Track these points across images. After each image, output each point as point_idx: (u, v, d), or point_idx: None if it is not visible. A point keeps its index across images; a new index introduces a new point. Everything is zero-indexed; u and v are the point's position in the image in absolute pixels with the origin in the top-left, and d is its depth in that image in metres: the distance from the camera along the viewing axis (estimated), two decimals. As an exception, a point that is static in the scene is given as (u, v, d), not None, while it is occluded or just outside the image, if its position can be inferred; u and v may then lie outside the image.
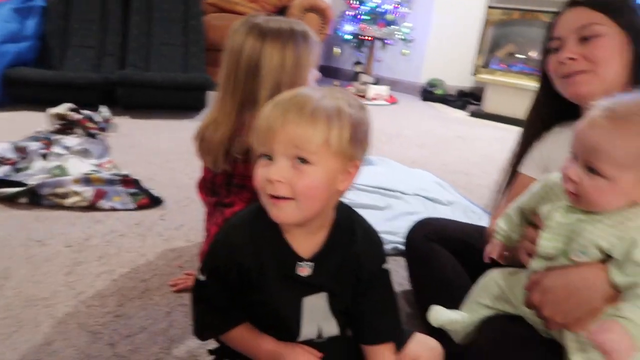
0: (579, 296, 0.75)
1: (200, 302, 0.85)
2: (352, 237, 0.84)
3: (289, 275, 0.81)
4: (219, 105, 1.20)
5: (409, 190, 2.11)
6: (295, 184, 0.71)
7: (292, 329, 0.84)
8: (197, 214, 1.76)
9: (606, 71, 0.97)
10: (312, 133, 0.70)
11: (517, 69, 3.76)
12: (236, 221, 0.83)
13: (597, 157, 0.71)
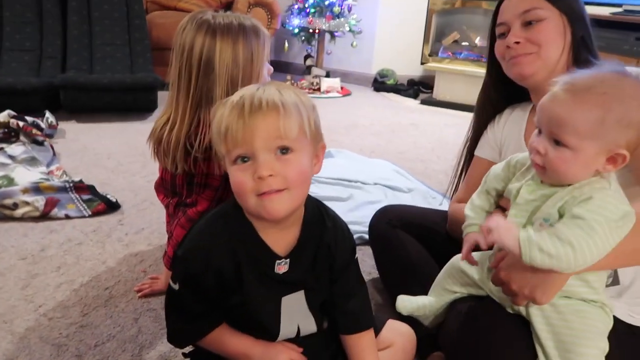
0: (544, 269, 0.78)
1: (175, 311, 0.83)
2: (323, 229, 0.85)
3: (267, 275, 0.81)
4: (173, 105, 1.18)
5: (369, 180, 2.13)
6: (287, 173, 0.73)
7: (271, 329, 0.84)
8: (157, 216, 1.72)
9: (549, 52, 1.02)
10: (290, 122, 0.72)
11: (463, 56, 3.87)
12: (206, 225, 0.82)
13: (561, 129, 0.75)
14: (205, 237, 0.80)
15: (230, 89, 1.13)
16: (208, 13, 1.15)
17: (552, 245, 0.74)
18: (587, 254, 0.73)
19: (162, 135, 1.18)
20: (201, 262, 0.78)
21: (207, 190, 1.19)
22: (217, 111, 0.76)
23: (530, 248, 0.74)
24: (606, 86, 0.74)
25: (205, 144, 1.14)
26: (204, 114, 1.15)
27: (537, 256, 0.74)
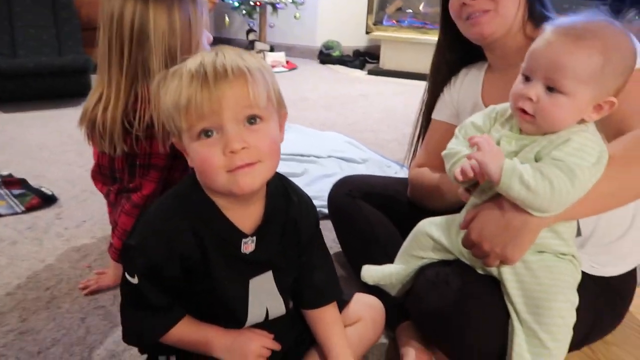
0: (515, 223, 0.76)
1: (135, 307, 0.75)
2: (288, 203, 0.80)
3: (234, 256, 0.75)
4: (105, 81, 1.07)
5: (322, 153, 2.08)
6: (259, 144, 0.67)
7: (239, 314, 0.79)
8: (99, 206, 1.60)
9: (506, 8, 0.99)
10: (259, 89, 0.66)
11: (407, 23, 3.85)
12: (163, 208, 0.74)
13: (560, 73, 0.73)
14: (163, 221, 0.72)
15: (168, 59, 1.04)
16: None
17: (533, 178, 0.71)
18: (564, 195, 0.72)
19: (96, 115, 1.07)
20: (163, 250, 0.70)
21: (152, 171, 1.10)
22: (169, 83, 0.68)
23: (512, 176, 0.72)
24: (604, 33, 0.73)
25: (146, 121, 1.04)
26: (141, 88, 1.05)
27: (515, 186, 0.72)
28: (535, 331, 0.77)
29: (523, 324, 0.78)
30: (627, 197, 0.82)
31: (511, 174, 0.72)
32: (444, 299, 0.85)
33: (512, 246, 0.77)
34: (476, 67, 1.15)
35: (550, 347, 0.76)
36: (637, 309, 1.12)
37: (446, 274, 0.88)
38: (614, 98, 0.75)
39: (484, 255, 0.79)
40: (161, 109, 0.71)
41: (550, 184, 0.71)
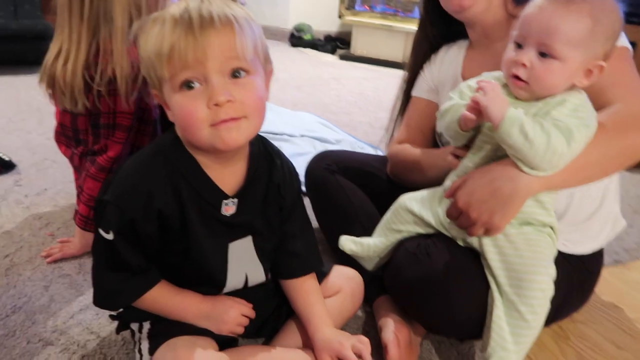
0: (504, 190, 0.77)
1: (108, 267, 0.71)
2: (272, 167, 0.77)
3: (213, 217, 0.72)
4: (65, 32, 1.01)
5: (295, 132, 2.06)
6: (244, 99, 0.63)
7: (217, 278, 0.76)
8: (63, 174, 1.52)
9: None
10: (246, 40, 0.63)
11: (380, 9, 3.84)
12: (141, 163, 0.70)
13: (553, 37, 0.73)
14: (142, 175, 0.68)
15: (133, 10, 0.99)
16: None
17: (532, 129, 0.72)
18: (558, 153, 0.73)
19: (55, 70, 1.01)
20: (140, 205, 0.67)
21: (117, 131, 1.05)
22: (150, 29, 0.63)
23: (512, 123, 0.72)
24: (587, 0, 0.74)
25: (108, 75, 0.99)
26: (103, 40, 1.00)
27: (514, 133, 0.72)
28: (515, 303, 0.78)
29: (503, 296, 0.79)
30: (610, 168, 0.84)
31: (513, 120, 0.72)
32: (426, 270, 0.85)
33: (500, 214, 0.77)
34: (457, 45, 1.15)
35: (529, 319, 0.78)
36: (600, 289, 1.16)
37: (427, 245, 0.88)
38: (603, 62, 0.76)
39: (470, 223, 0.80)
40: (141, 57, 0.67)
41: (547, 138, 0.72)
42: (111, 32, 0.99)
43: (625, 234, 1.52)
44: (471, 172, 0.81)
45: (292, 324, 0.87)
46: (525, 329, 0.78)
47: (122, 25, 0.98)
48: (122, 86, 0.99)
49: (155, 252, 0.72)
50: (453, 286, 0.83)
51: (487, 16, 1.02)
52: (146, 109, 1.08)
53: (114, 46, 0.99)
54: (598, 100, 0.82)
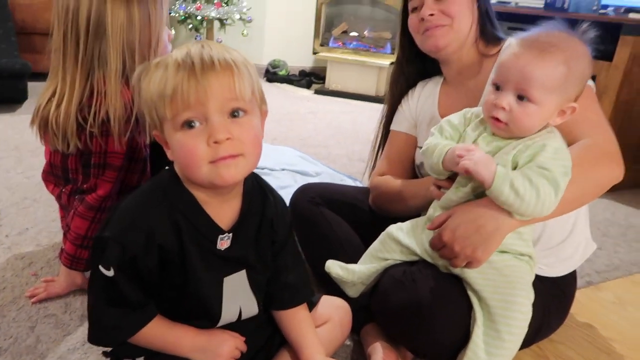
0: (487, 228, 0.81)
1: (108, 303, 0.72)
2: (265, 202, 0.81)
3: (210, 251, 0.74)
4: (60, 75, 1.04)
5: (276, 166, 2.09)
6: (242, 137, 0.67)
7: (212, 312, 0.78)
8: (44, 214, 1.52)
9: (460, 24, 1.06)
10: (245, 83, 0.67)
11: (353, 46, 3.97)
12: (142, 198, 0.73)
13: (529, 84, 0.79)
14: (143, 212, 0.71)
15: (126, 53, 1.02)
16: None
17: (522, 185, 0.77)
18: (547, 204, 0.78)
19: (49, 112, 1.03)
20: (142, 240, 0.69)
21: (108, 171, 1.07)
22: (153, 73, 0.68)
23: (503, 181, 0.77)
24: (566, 45, 0.80)
25: (101, 117, 1.02)
26: (97, 82, 1.03)
27: (505, 191, 0.77)
28: (496, 322, 0.81)
29: (485, 314, 0.83)
30: (585, 199, 0.90)
31: (503, 179, 0.77)
32: (411, 296, 0.88)
33: (482, 249, 0.82)
34: (432, 82, 1.22)
35: (506, 339, 0.81)
36: (575, 310, 1.21)
37: (412, 272, 0.92)
38: (575, 103, 0.83)
39: (453, 256, 0.84)
40: (143, 99, 0.70)
41: (537, 192, 0.77)
42: (105, 74, 1.02)
43: (596, 257, 1.59)
44: (455, 208, 0.86)
45: (284, 353, 0.89)
46: (500, 348, 0.81)
47: (116, 68, 1.01)
48: (115, 127, 1.02)
49: (153, 287, 0.73)
50: (438, 311, 0.86)
51: (461, 56, 1.10)
52: (136, 148, 1.10)
53: (108, 88, 1.02)
54: (567, 136, 0.88)
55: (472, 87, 1.11)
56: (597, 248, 1.13)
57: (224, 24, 3.99)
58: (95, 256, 0.72)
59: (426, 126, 1.18)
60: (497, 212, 0.82)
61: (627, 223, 1.94)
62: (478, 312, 0.84)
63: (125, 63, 1.03)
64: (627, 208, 2.08)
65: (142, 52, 1.05)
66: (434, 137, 0.91)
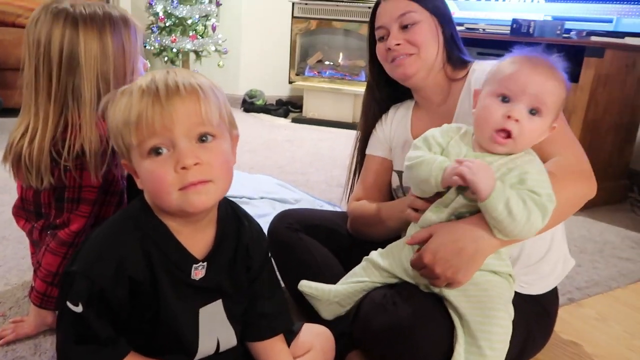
0: (468, 250, 0.81)
1: (78, 341, 0.69)
2: (240, 228, 0.79)
3: (183, 282, 0.72)
4: (32, 110, 1.02)
5: (254, 194, 2.08)
6: (211, 162, 0.66)
7: (189, 345, 0.75)
8: (13, 251, 1.46)
9: (427, 52, 1.09)
10: (211, 107, 0.66)
11: (328, 74, 4.03)
12: (112, 229, 0.71)
13: (545, 98, 0.81)
14: (112, 242, 0.68)
15: (101, 85, 1.01)
16: (65, 2, 1.02)
17: (516, 205, 0.77)
18: (533, 229, 0.79)
19: (21, 148, 1.01)
20: (111, 272, 0.67)
21: (82, 205, 1.04)
22: (118, 100, 0.67)
23: (499, 197, 0.77)
24: (559, 68, 0.84)
25: (76, 150, 1.00)
26: (71, 116, 1.01)
27: (499, 207, 0.77)
28: (476, 338, 0.80)
29: (466, 331, 0.82)
30: (560, 219, 0.92)
31: (500, 196, 0.77)
32: (392, 318, 0.87)
33: (463, 271, 0.82)
34: (404, 106, 1.24)
35: (487, 355, 0.80)
36: (559, 328, 1.21)
37: (392, 294, 0.91)
38: (555, 124, 0.86)
39: (434, 277, 0.83)
40: (110, 127, 0.69)
41: (528, 215, 0.78)
42: (79, 107, 1.00)
43: (575, 273, 1.60)
44: (436, 227, 0.86)
45: None
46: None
47: (91, 100, 1.00)
48: (91, 160, 1.00)
49: (124, 321, 0.70)
50: (419, 331, 0.85)
51: (429, 81, 1.12)
52: (112, 181, 1.08)
53: (83, 121, 1.00)
54: (539, 153, 0.89)
55: (443, 110, 1.13)
56: (576, 265, 1.13)
57: (199, 56, 4.02)
58: (63, 292, 0.69)
59: (400, 150, 1.19)
60: (478, 233, 0.82)
61: (602, 239, 1.96)
62: (459, 329, 0.83)
63: (100, 95, 1.01)
64: (601, 224, 2.11)
65: (118, 83, 1.03)
66: (420, 151, 0.90)
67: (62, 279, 0.69)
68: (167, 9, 3.82)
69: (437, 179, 0.84)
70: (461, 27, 2.85)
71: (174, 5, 3.81)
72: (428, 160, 0.86)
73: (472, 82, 1.08)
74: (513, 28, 2.40)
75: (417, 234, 0.87)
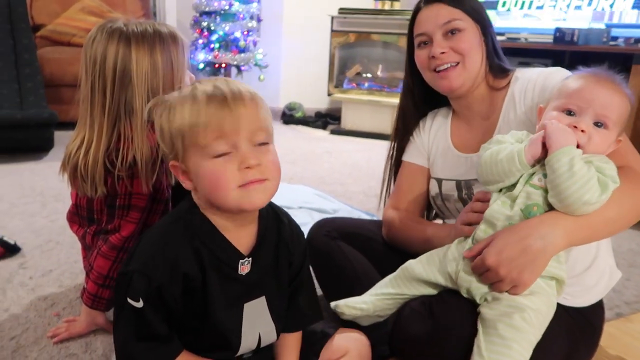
0: (533, 248, 0.80)
1: (138, 338, 0.73)
2: (280, 225, 0.83)
3: (231, 277, 0.76)
4: (87, 123, 1.08)
5: (293, 204, 2.11)
6: (268, 164, 0.71)
7: (232, 340, 0.79)
8: (67, 255, 1.55)
9: (472, 62, 1.07)
10: (267, 114, 0.73)
11: (366, 87, 4.06)
12: (163, 230, 0.75)
13: (611, 112, 0.84)
14: (166, 242, 0.73)
15: (151, 99, 1.07)
16: (119, 21, 1.09)
17: (579, 164, 0.79)
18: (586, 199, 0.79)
19: (78, 159, 1.07)
20: (167, 270, 0.71)
21: (132, 212, 1.09)
22: (179, 106, 0.72)
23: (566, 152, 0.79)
24: (622, 84, 0.87)
25: (128, 160, 1.05)
26: (124, 128, 1.07)
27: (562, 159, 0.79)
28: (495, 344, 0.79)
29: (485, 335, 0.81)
30: (622, 225, 0.89)
31: (568, 151, 0.79)
32: (430, 326, 0.87)
33: (529, 271, 0.80)
34: (441, 114, 1.23)
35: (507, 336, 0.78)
36: (605, 343, 1.17)
37: (430, 302, 0.91)
38: (621, 137, 0.88)
39: (498, 279, 0.82)
40: (166, 130, 0.73)
41: (587, 180, 0.79)
42: (131, 120, 1.06)
43: (624, 288, 1.54)
44: (497, 233, 0.85)
45: None
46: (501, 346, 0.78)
47: (142, 113, 1.05)
48: (142, 170, 1.05)
49: (177, 318, 0.74)
50: (455, 339, 0.84)
51: (473, 91, 1.11)
52: (160, 189, 1.13)
53: (135, 133, 1.06)
54: None
55: (484, 119, 1.12)
56: (625, 279, 1.10)
57: (240, 71, 4.13)
58: (121, 291, 0.73)
59: (441, 157, 1.19)
60: (544, 230, 0.81)
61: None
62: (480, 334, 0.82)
63: None
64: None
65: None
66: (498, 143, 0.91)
67: (118, 279, 0.74)
68: (211, 25, 3.95)
69: (520, 154, 0.85)
70: (502, 37, 2.81)
71: (217, 22, 3.94)
72: (508, 146, 0.89)
73: (515, 92, 1.07)
74: (556, 37, 2.36)
75: (476, 246, 0.86)
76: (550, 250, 0.81)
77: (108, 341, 1.13)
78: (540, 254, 0.80)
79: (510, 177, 0.87)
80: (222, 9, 3.91)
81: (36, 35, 3.57)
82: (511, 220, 0.85)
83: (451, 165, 1.16)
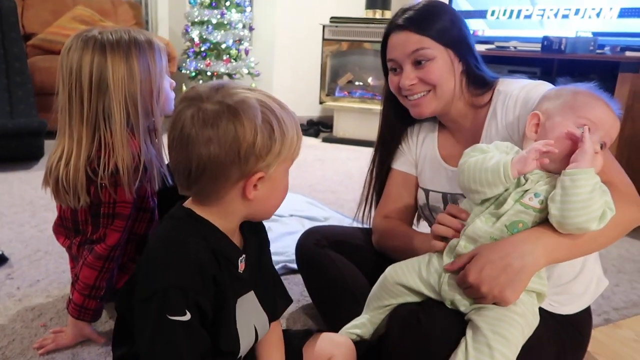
0: (514, 266, 0.80)
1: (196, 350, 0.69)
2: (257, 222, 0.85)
3: (235, 276, 0.77)
4: (67, 133, 1.08)
5: (284, 212, 2.11)
6: None
7: (235, 340, 0.78)
8: (55, 265, 1.53)
9: (443, 90, 1.05)
10: None
11: (358, 95, 4.08)
12: (176, 241, 0.72)
13: (611, 134, 0.86)
14: (186, 249, 0.70)
15: (130, 105, 1.07)
16: (94, 30, 1.09)
17: (592, 191, 0.79)
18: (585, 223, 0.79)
19: (59, 171, 1.06)
20: (198, 277, 0.69)
21: (117, 220, 1.09)
22: (283, 120, 0.73)
23: (591, 177, 0.79)
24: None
25: (110, 168, 1.05)
26: (104, 136, 1.07)
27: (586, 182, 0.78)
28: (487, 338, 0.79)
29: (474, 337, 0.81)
30: (603, 243, 0.90)
31: (593, 175, 0.79)
32: (418, 336, 0.87)
33: (511, 289, 0.80)
34: (429, 122, 1.20)
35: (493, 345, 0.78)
36: (594, 349, 1.17)
37: (417, 312, 0.90)
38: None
39: (480, 297, 0.82)
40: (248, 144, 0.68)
41: (595, 210, 0.79)
42: (111, 127, 1.06)
43: (612, 294, 1.55)
44: (479, 248, 0.84)
45: None
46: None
47: (121, 120, 1.05)
48: (124, 177, 1.05)
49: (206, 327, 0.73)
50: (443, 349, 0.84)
51: (449, 111, 1.10)
52: (144, 197, 1.13)
53: (115, 140, 1.05)
54: None
55: (469, 132, 1.11)
56: (614, 285, 1.10)
57: (233, 79, 4.13)
58: (154, 312, 0.67)
59: (429, 168, 1.18)
60: (526, 248, 0.81)
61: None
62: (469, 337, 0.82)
63: (129, 114, 1.07)
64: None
65: (145, 103, 1.09)
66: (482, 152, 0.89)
67: (147, 303, 0.68)
68: (202, 34, 3.96)
69: (506, 166, 0.82)
70: (491, 46, 2.84)
71: (209, 30, 3.95)
72: (495, 155, 0.87)
73: (497, 107, 1.05)
74: (544, 45, 2.38)
75: (458, 259, 0.86)
76: (531, 268, 0.81)
77: (95, 352, 1.12)
78: (520, 273, 0.80)
79: (493, 189, 0.85)
80: (214, 18, 3.93)
81: (27, 44, 3.56)
82: (494, 236, 0.85)
83: (438, 177, 1.17)
